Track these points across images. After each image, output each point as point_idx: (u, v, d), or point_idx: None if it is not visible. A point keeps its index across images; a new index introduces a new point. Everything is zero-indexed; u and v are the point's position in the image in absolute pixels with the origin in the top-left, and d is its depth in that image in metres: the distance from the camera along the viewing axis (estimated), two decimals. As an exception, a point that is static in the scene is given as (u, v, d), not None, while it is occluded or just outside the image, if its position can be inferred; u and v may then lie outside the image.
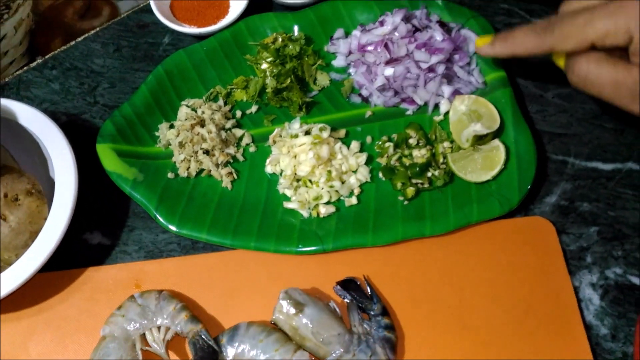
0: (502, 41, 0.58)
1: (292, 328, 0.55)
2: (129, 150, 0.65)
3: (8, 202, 0.58)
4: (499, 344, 0.57)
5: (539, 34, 0.54)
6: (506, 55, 0.58)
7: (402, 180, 0.63)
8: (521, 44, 0.56)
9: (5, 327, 0.59)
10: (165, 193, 0.64)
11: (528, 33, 0.55)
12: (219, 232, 0.61)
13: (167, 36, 0.76)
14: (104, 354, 0.54)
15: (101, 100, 0.72)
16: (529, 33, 0.55)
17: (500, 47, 0.58)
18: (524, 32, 0.55)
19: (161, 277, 0.61)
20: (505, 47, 0.58)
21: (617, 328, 0.59)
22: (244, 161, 0.67)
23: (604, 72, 0.50)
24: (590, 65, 0.51)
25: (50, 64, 0.74)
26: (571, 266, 0.61)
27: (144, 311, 0.56)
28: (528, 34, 0.55)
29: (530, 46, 0.55)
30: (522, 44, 0.56)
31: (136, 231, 0.64)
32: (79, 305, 0.60)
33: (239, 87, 0.70)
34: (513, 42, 0.57)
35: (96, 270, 0.62)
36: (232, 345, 0.55)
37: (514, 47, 0.57)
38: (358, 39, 0.69)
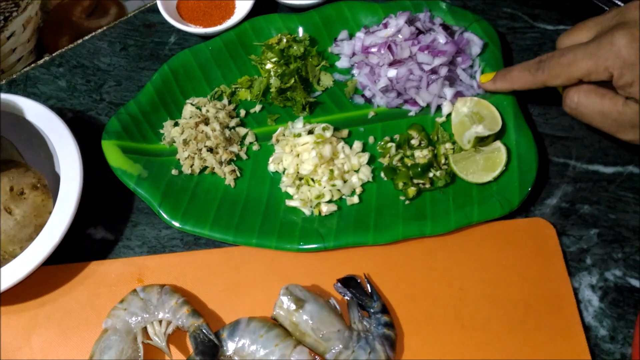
0: (502, 78, 0.64)
1: (292, 324, 0.55)
2: (133, 147, 0.66)
3: (14, 195, 0.59)
4: (497, 344, 0.58)
5: (532, 72, 0.60)
6: (506, 89, 0.65)
7: (403, 180, 0.64)
8: (518, 80, 0.62)
9: (8, 319, 0.60)
10: (168, 189, 0.64)
11: (523, 71, 0.61)
12: (221, 229, 0.62)
13: (173, 36, 0.77)
14: (105, 346, 0.54)
15: (107, 97, 0.73)
16: (524, 71, 0.61)
17: (500, 83, 0.64)
18: (519, 70, 0.62)
19: (163, 272, 0.62)
20: (504, 83, 0.64)
21: (616, 329, 0.59)
22: (247, 159, 0.68)
23: (592, 103, 0.56)
24: (580, 97, 0.57)
25: (57, 62, 0.75)
26: (571, 267, 0.62)
27: (146, 305, 0.57)
28: (523, 72, 0.61)
29: (526, 82, 0.61)
30: (518, 80, 0.62)
31: (139, 227, 0.65)
32: (81, 299, 0.60)
33: (244, 86, 0.71)
34: (511, 79, 0.63)
35: (99, 264, 0.62)
36: (233, 340, 0.55)
37: (512, 83, 0.63)
38: (362, 41, 0.70)
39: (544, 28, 0.76)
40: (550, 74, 0.58)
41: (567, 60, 0.56)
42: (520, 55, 0.74)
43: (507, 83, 0.63)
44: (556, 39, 0.62)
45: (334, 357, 0.55)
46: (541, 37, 0.75)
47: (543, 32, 0.76)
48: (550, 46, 0.74)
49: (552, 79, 0.58)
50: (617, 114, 0.55)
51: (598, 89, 0.56)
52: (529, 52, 0.74)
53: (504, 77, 0.63)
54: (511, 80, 0.62)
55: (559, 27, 0.76)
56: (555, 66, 0.57)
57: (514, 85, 0.62)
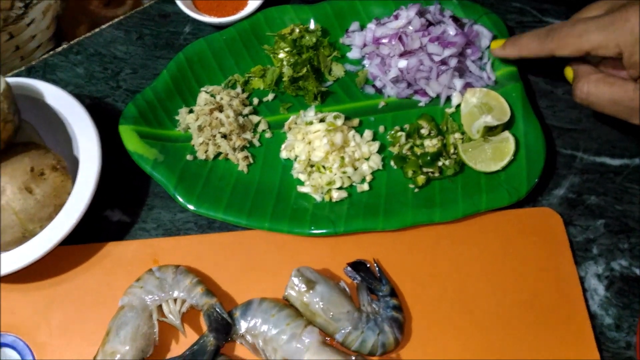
0: (511, 44, 0.64)
1: (303, 304, 0.57)
2: (149, 132, 0.68)
3: (34, 176, 0.60)
4: (504, 329, 0.59)
5: (542, 39, 0.60)
6: (514, 56, 0.64)
7: (413, 169, 0.65)
8: (526, 47, 0.62)
9: (27, 296, 0.62)
10: (184, 174, 0.66)
11: (532, 38, 0.61)
12: (234, 212, 0.63)
13: (188, 26, 0.78)
14: (122, 323, 0.56)
15: (123, 85, 0.74)
16: (534, 38, 0.61)
17: (509, 49, 0.65)
18: (530, 37, 0.62)
19: (178, 253, 0.63)
20: (513, 49, 0.64)
21: (621, 318, 0.60)
22: (260, 146, 0.69)
23: (601, 92, 0.57)
24: (590, 86, 0.57)
25: (75, 49, 0.77)
26: (577, 257, 0.63)
27: (161, 284, 0.58)
28: (532, 39, 0.61)
29: (534, 50, 0.61)
30: (527, 47, 0.62)
31: (155, 210, 0.67)
32: (98, 278, 0.62)
33: (257, 75, 0.72)
34: (520, 45, 0.63)
35: (116, 245, 0.64)
36: (245, 319, 0.57)
37: (520, 50, 0.63)
38: (373, 32, 0.71)
39: (552, 22, 0.77)
40: (560, 43, 0.58)
41: (579, 30, 0.56)
42: (529, 48, 0.75)
43: (516, 49, 0.64)
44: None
45: (343, 338, 0.56)
46: (550, 31, 0.76)
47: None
48: (559, 40, 0.75)
49: (560, 48, 0.58)
50: (628, 101, 0.55)
51: (606, 78, 0.57)
52: (538, 46, 0.75)
53: (513, 44, 0.64)
54: (520, 47, 0.63)
55: (568, 22, 0.76)
56: (565, 35, 0.57)
57: (522, 52, 0.63)
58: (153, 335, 0.57)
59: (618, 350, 0.58)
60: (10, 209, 0.59)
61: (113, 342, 0.55)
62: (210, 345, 0.56)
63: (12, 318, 0.61)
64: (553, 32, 0.59)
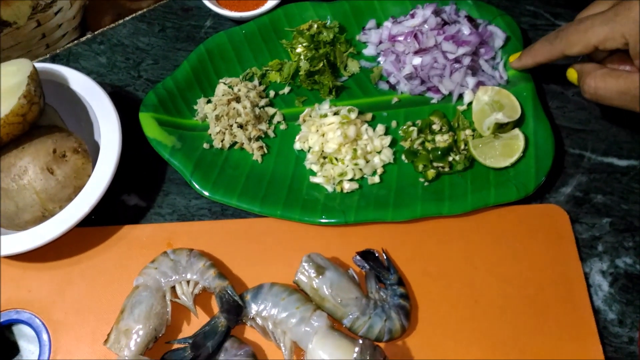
0: (526, 54, 0.67)
1: (312, 289, 0.58)
2: (168, 120, 0.70)
3: (56, 157, 0.62)
4: (508, 321, 0.60)
5: (552, 41, 0.62)
6: (531, 64, 0.67)
7: (423, 163, 0.66)
8: (540, 53, 0.65)
9: (44, 275, 0.64)
10: (200, 161, 0.68)
11: (543, 43, 0.64)
12: (248, 199, 0.65)
13: (209, 20, 0.80)
14: (136, 301, 0.58)
15: (144, 74, 0.76)
16: (544, 43, 0.64)
17: (525, 59, 0.67)
18: (541, 43, 0.64)
19: (192, 238, 0.65)
20: (528, 58, 0.67)
21: (625, 314, 0.61)
22: (275, 137, 0.71)
23: (609, 85, 0.58)
24: (597, 82, 0.59)
25: (99, 39, 0.79)
26: (583, 253, 0.64)
27: (175, 266, 0.60)
28: (543, 44, 0.64)
29: (547, 54, 0.64)
30: (540, 53, 0.65)
31: (171, 196, 0.68)
32: (114, 259, 0.64)
33: (274, 69, 0.74)
34: (533, 52, 0.66)
35: (132, 228, 0.66)
36: (256, 302, 0.58)
37: (534, 57, 0.66)
38: (389, 30, 0.73)
39: (565, 26, 0.78)
40: (568, 41, 0.60)
41: (585, 27, 0.58)
42: (541, 50, 0.76)
43: (531, 57, 0.66)
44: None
45: (351, 323, 0.57)
46: (562, 35, 0.78)
47: (564, 29, 0.78)
48: (571, 43, 0.77)
49: (569, 46, 0.60)
50: (635, 90, 0.56)
51: (612, 72, 0.58)
52: (550, 48, 0.77)
53: (527, 52, 0.67)
54: (534, 54, 0.65)
55: (580, 26, 0.78)
56: (572, 33, 0.59)
57: (536, 58, 0.65)
58: (166, 315, 0.58)
59: (621, 345, 0.59)
60: (31, 188, 0.61)
61: (127, 320, 0.57)
62: (221, 326, 0.57)
63: (28, 296, 0.63)
64: (561, 32, 0.61)
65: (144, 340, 0.56)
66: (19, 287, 0.63)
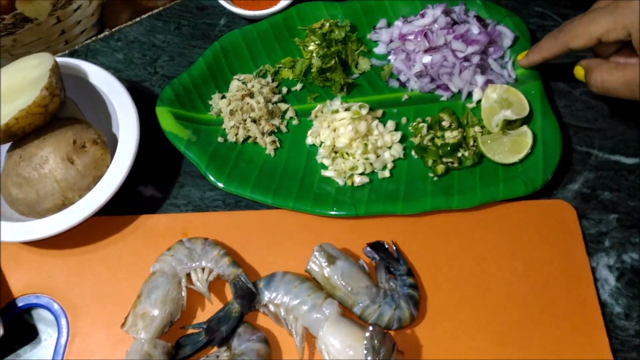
0: (533, 51, 0.68)
1: (324, 278, 0.60)
2: (184, 114, 0.72)
3: (76, 148, 0.64)
4: (515, 314, 0.61)
5: (556, 36, 0.64)
6: (537, 60, 0.68)
7: (433, 158, 0.68)
8: (545, 48, 0.66)
9: (63, 261, 0.65)
10: (214, 154, 0.69)
11: (548, 38, 0.66)
12: (261, 191, 0.67)
13: (224, 18, 0.83)
14: (153, 287, 0.59)
15: (160, 71, 0.79)
16: (550, 38, 0.66)
17: (532, 56, 0.69)
18: (546, 38, 0.66)
19: (206, 228, 0.66)
20: (534, 55, 0.68)
21: (631, 308, 0.62)
22: (287, 132, 0.73)
23: (615, 77, 0.60)
24: (603, 75, 0.60)
25: (116, 36, 0.81)
26: (590, 248, 0.65)
27: (190, 253, 0.62)
28: (548, 39, 0.66)
29: (552, 48, 0.65)
30: (546, 48, 0.66)
31: (186, 187, 0.70)
32: (131, 247, 0.66)
33: (286, 66, 0.76)
34: (539, 49, 0.67)
35: (148, 218, 0.67)
36: (269, 289, 0.60)
37: (540, 52, 0.67)
38: (400, 29, 0.75)
39: (573, 27, 0.80)
40: (572, 34, 0.61)
41: (588, 19, 0.60)
42: (549, 50, 0.78)
43: (537, 53, 0.68)
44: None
45: (361, 311, 0.59)
46: (570, 36, 0.79)
47: (572, 30, 0.79)
48: (579, 44, 0.78)
49: (573, 39, 0.61)
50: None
51: (618, 65, 0.60)
52: (558, 49, 0.78)
53: (534, 49, 0.68)
54: (540, 50, 0.67)
55: (587, 27, 0.79)
56: (576, 26, 0.61)
57: (542, 53, 0.67)
58: (181, 300, 0.60)
59: (627, 338, 0.60)
60: (52, 177, 0.63)
61: (144, 304, 0.58)
62: (235, 312, 0.59)
63: (48, 281, 0.65)
64: (565, 27, 0.63)
65: (160, 324, 0.58)
66: (39, 272, 0.65)
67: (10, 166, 0.65)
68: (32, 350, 0.62)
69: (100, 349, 0.61)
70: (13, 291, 0.64)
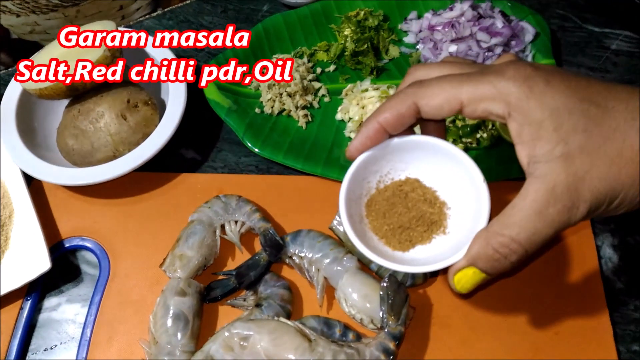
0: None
1: (345, 235, 0.65)
2: (226, 86, 0.78)
3: (129, 107, 0.71)
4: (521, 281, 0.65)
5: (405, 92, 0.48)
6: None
7: (453, 137, 0.73)
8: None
9: (109, 209, 0.72)
10: (251, 124, 0.76)
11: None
12: (292, 157, 0.73)
13: (267, 5, 0.90)
14: (191, 232, 0.65)
15: (206, 48, 0.86)
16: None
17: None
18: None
19: (240, 188, 0.72)
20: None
21: (632, 284, 0.66)
22: (319, 108, 0.79)
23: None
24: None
25: (168, 16, 0.89)
26: (596, 228, 0.69)
27: (226, 207, 0.67)
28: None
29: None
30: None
31: (223, 152, 0.77)
32: (172, 200, 0.72)
33: (322, 49, 0.83)
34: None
35: (188, 176, 0.74)
36: (294, 243, 0.65)
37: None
38: (429, 21, 0.81)
39: (591, 29, 0.85)
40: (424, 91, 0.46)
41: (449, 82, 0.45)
42: (567, 49, 0.83)
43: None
44: (602, 40, 0.68)
45: (378, 267, 0.64)
46: (588, 37, 0.84)
47: (590, 32, 0.85)
48: (595, 44, 0.83)
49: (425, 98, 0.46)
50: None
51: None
52: (576, 48, 0.83)
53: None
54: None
55: (605, 30, 0.84)
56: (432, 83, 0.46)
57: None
58: (215, 247, 0.66)
59: (627, 312, 0.64)
60: (106, 130, 0.70)
61: (182, 247, 0.64)
62: (263, 260, 0.64)
63: (93, 226, 0.71)
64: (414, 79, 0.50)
65: (195, 266, 0.63)
66: (85, 218, 0.72)
67: (69, 119, 0.72)
68: (75, 287, 0.68)
69: (137, 288, 0.67)
70: (61, 233, 0.71)
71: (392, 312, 0.58)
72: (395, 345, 0.57)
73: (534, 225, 0.43)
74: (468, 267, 0.47)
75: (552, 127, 0.42)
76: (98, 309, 0.65)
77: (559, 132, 0.41)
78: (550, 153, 0.42)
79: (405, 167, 0.55)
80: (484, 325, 0.63)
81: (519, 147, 0.44)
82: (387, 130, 0.49)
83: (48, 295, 0.68)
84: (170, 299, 0.60)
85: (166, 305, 0.60)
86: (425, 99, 0.46)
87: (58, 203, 0.73)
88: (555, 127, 0.42)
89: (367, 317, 0.60)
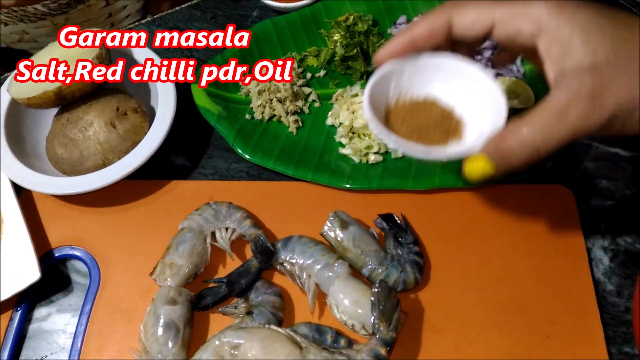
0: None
1: (336, 241, 0.65)
2: (216, 92, 0.78)
3: (119, 114, 0.71)
4: (513, 284, 0.65)
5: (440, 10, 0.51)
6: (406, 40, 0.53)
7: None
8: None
9: (98, 218, 0.72)
10: (242, 130, 0.76)
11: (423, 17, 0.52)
12: (283, 163, 0.72)
13: (256, 11, 0.90)
14: (181, 240, 0.65)
15: (196, 54, 0.86)
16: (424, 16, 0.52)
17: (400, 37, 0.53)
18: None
19: (231, 195, 0.72)
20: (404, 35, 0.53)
21: (623, 286, 0.66)
22: (309, 114, 0.79)
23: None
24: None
25: (157, 22, 0.89)
26: (586, 231, 0.69)
27: (216, 214, 0.67)
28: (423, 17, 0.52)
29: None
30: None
31: (214, 159, 0.76)
32: (162, 208, 0.72)
33: (312, 54, 0.83)
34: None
35: (178, 183, 0.74)
36: (285, 249, 0.65)
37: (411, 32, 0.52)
38: (418, 25, 0.81)
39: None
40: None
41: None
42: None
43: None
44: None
45: (369, 272, 0.64)
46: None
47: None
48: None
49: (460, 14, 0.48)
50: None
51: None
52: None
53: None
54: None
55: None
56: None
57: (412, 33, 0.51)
58: (206, 255, 0.66)
59: (617, 314, 0.64)
60: (95, 139, 0.70)
61: (172, 255, 0.64)
62: (254, 267, 0.64)
63: (83, 235, 0.71)
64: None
65: (185, 274, 0.63)
66: (75, 227, 0.71)
67: (58, 128, 0.71)
68: (65, 297, 0.68)
69: (128, 297, 0.66)
70: (51, 242, 0.70)
71: (383, 318, 0.58)
72: (386, 351, 0.57)
73: (552, 126, 0.43)
74: (480, 156, 0.48)
75: (580, 40, 0.43)
76: (88, 318, 0.65)
77: (588, 44, 0.43)
78: (578, 66, 0.43)
79: (425, 86, 0.56)
80: (475, 329, 0.63)
81: (547, 65, 0.45)
82: (416, 44, 0.50)
83: (38, 306, 0.67)
84: (161, 307, 0.60)
85: (157, 314, 0.60)
86: (460, 14, 0.48)
87: (47, 212, 0.73)
88: (584, 40, 0.43)
89: (359, 323, 0.60)
